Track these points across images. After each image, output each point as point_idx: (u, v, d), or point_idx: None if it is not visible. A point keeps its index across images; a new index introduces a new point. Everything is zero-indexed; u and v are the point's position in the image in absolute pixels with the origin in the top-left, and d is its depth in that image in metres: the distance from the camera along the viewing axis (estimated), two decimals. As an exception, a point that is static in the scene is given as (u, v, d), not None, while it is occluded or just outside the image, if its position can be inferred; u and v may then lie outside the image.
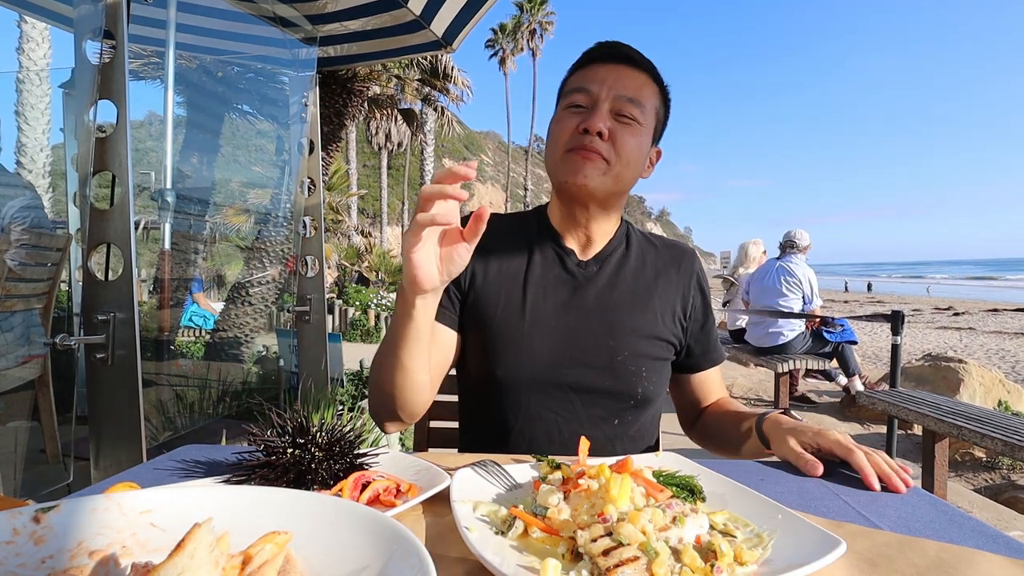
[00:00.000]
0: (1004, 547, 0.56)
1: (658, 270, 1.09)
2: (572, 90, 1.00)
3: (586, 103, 0.98)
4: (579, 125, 0.96)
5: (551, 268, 1.06)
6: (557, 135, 0.99)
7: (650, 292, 1.06)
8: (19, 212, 2.16)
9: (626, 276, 1.06)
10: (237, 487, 0.53)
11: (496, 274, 1.05)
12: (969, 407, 2.90)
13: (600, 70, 0.99)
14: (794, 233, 4.99)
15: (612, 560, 0.48)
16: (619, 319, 1.02)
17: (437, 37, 2.81)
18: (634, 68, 1.00)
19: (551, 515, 0.58)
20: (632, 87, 0.98)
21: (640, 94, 0.99)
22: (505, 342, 1.00)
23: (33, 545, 0.42)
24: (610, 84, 0.97)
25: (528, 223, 1.12)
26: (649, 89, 1.01)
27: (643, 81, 1.00)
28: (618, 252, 1.08)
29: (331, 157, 5.51)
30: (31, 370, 2.28)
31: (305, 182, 2.96)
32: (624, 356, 1.00)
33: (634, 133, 0.97)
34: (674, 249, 1.14)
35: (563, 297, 1.03)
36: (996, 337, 11.19)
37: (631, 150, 0.97)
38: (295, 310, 2.99)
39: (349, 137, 27.67)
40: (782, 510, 0.58)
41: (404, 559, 0.41)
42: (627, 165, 0.98)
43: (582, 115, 0.97)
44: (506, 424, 1.01)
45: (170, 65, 3.23)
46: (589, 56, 1.02)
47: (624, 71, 0.99)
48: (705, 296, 1.13)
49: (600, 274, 1.06)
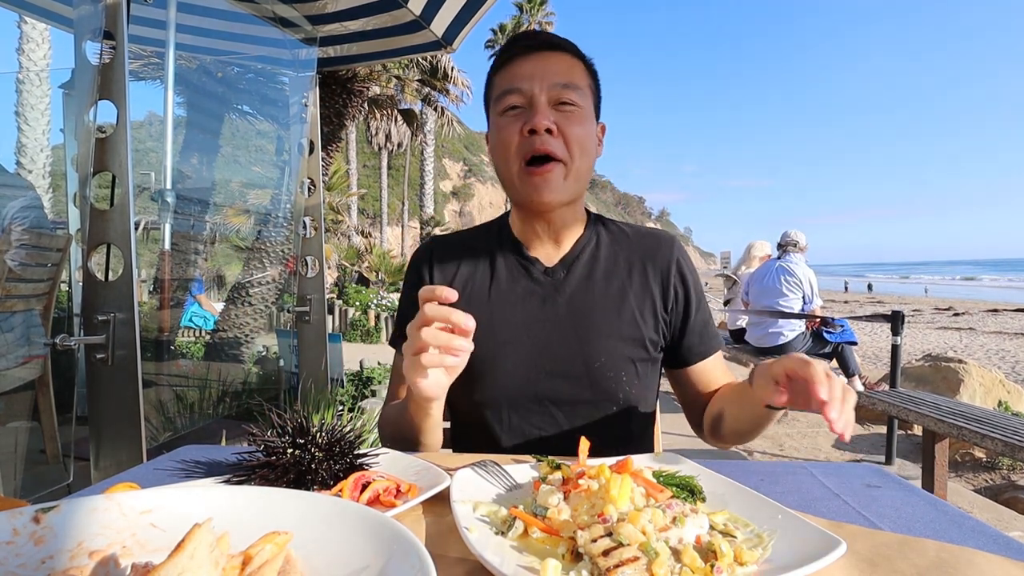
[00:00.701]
0: (1004, 547, 0.56)
1: (631, 264, 1.04)
2: (502, 93, 0.95)
3: (522, 103, 0.94)
4: (523, 128, 0.92)
5: (517, 281, 1.02)
6: (505, 145, 0.95)
7: (624, 290, 1.01)
8: (19, 212, 2.16)
9: (597, 277, 1.02)
10: (237, 487, 0.53)
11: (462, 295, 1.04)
12: (969, 407, 2.90)
13: (524, 64, 0.95)
14: (793, 233, 4.99)
15: (612, 560, 0.48)
16: (592, 324, 0.98)
17: (437, 37, 2.81)
18: (557, 52, 0.97)
19: (551, 515, 0.58)
20: (562, 72, 0.94)
21: (572, 76, 0.95)
22: (478, 365, 0.94)
23: (33, 545, 0.42)
24: (540, 76, 0.93)
25: (490, 236, 1.09)
26: (578, 69, 0.98)
27: (570, 62, 0.97)
28: (587, 252, 1.04)
29: (331, 157, 5.52)
30: (31, 370, 2.28)
31: (305, 182, 2.96)
32: (601, 363, 0.97)
33: (579, 120, 0.94)
34: (649, 238, 1.08)
35: (532, 309, 1.00)
36: (996, 337, 11.19)
37: (582, 138, 0.94)
38: (295, 310, 2.99)
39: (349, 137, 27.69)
40: (782, 510, 0.58)
41: (404, 559, 0.41)
42: (583, 155, 0.95)
43: (522, 116, 0.93)
44: (494, 445, 0.99)
45: (170, 65, 3.23)
46: (509, 53, 0.97)
47: (549, 58, 0.95)
48: (688, 284, 1.04)
49: (569, 279, 1.01)
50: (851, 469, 0.79)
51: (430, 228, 26.65)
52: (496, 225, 1.11)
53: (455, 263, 1.05)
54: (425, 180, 29.61)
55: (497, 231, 1.09)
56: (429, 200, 29.95)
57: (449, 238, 1.12)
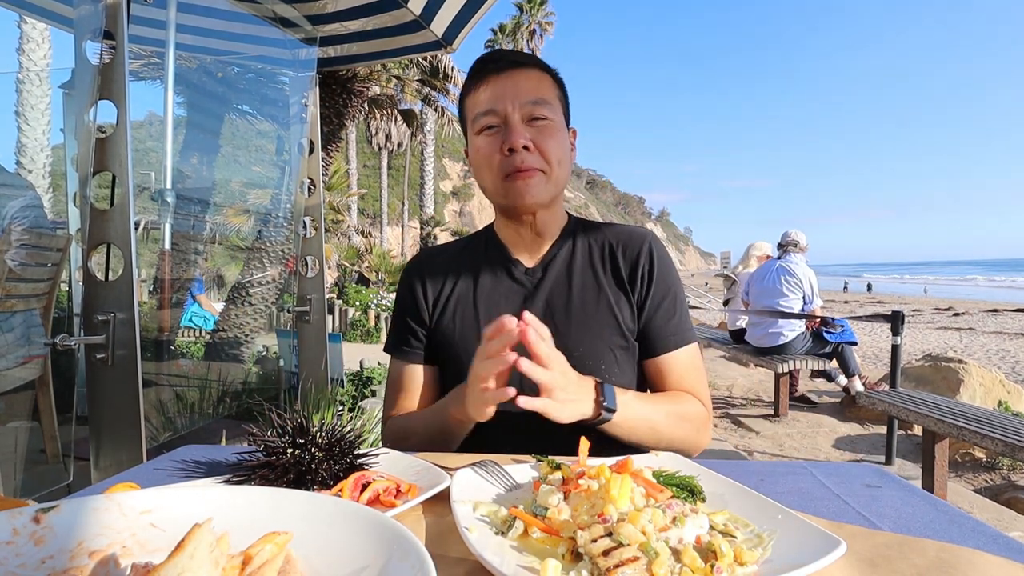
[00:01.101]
0: (1004, 547, 0.56)
1: (605, 258, 1.08)
2: (478, 115, 1.01)
3: (497, 122, 1.00)
4: (502, 146, 0.98)
5: (500, 282, 1.08)
6: (486, 163, 1.01)
7: (599, 282, 1.06)
8: (19, 212, 2.16)
9: (575, 271, 1.07)
10: (237, 487, 0.53)
11: (450, 301, 1.09)
12: (969, 407, 2.90)
13: (495, 85, 1.00)
14: (793, 233, 4.99)
15: (612, 560, 0.48)
16: (570, 315, 1.03)
17: (437, 37, 2.81)
18: (524, 68, 1.02)
19: (551, 515, 0.58)
20: (531, 89, 1.00)
21: (541, 92, 1.01)
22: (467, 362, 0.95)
23: (33, 545, 0.42)
24: (511, 95, 0.99)
25: (477, 244, 1.15)
26: (545, 82, 1.03)
27: (537, 77, 1.02)
28: (564, 250, 1.09)
29: (331, 157, 5.52)
30: (31, 370, 2.28)
31: (305, 182, 2.96)
32: (580, 352, 0.99)
33: (552, 133, 1.00)
34: (623, 234, 1.12)
35: (514, 308, 1.04)
36: (996, 337, 11.20)
37: (557, 149, 1.01)
38: (295, 310, 2.99)
39: (349, 137, 27.68)
40: (782, 510, 0.58)
41: (404, 559, 0.41)
42: (560, 165, 1.02)
43: (498, 135, 0.99)
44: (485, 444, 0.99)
45: (170, 65, 3.23)
46: (477, 76, 1.03)
47: (517, 75, 1.01)
48: (657, 274, 1.06)
49: (547, 276, 1.07)
50: (851, 469, 0.79)
51: (430, 228, 26.65)
52: (484, 235, 1.17)
53: (443, 273, 1.12)
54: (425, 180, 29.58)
55: (484, 239, 1.15)
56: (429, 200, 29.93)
57: (438, 249, 1.21)
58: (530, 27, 34.67)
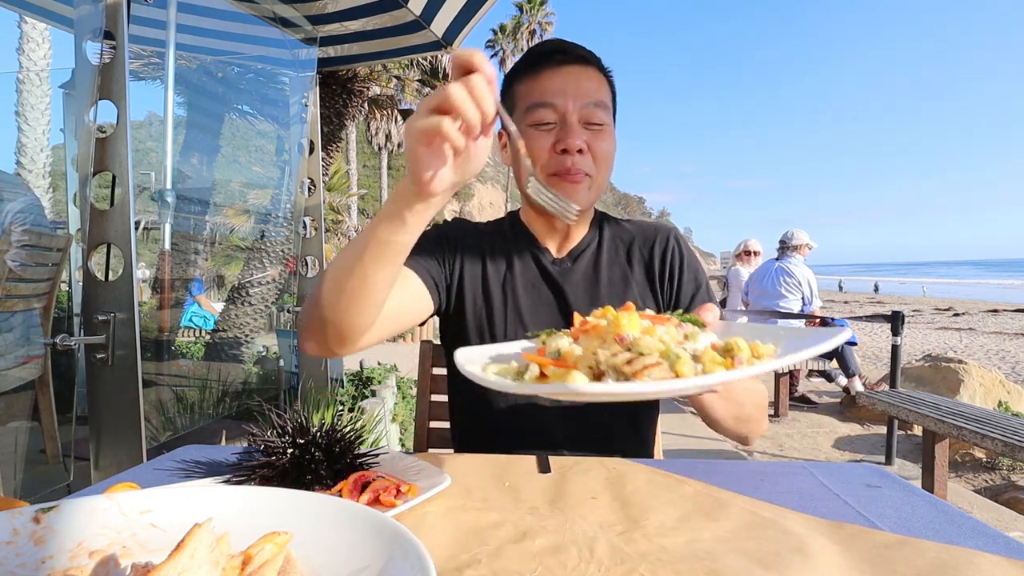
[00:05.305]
0: (1004, 547, 0.56)
1: (631, 253, 1.09)
2: (534, 105, 0.96)
3: (554, 119, 0.96)
4: (555, 145, 0.95)
5: (529, 268, 1.07)
6: (533, 158, 0.96)
7: (626, 276, 1.07)
8: (19, 212, 2.16)
9: (602, 265, 1.07)
10: (237, 487, 0.53)
11: (478, 278, 1.06)
12: (969, 408, 2.90)
13: (556, 78, 0.96)
14: (793, 233, 4.99)
15: (637, 365, 0.50)
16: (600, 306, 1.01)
17: (437, 37, 2.81)
18: (587, 67, 0.99)
19: (565, 355, 0.57)
20: (592, 90, 0.97)
21: (600, 94, 0.98)
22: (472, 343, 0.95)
23: (33, 545, 0.42)
24: (572, 93, 0.95)
25: (503, 229, 1.12)
26: (604, 85, 1.01)
27: (598, 79, 1.00)
28: (592, 244, 1.09)
29: (331, 157, 5.52)
30: (31, 370, 2.28)
31: (305, 182, 2.96)
32: None
33: (606, 137, 0.98)
34: (649, 229, 1.12)
35: (542, 295, 1.05)
36: (996, 338, 11.19)
37: (608, 154, 0.99)
38: (295, 310, 2.99)
39: (349, 137, 27.64)
40: (784, 329, 0.61)
41: (404, 559, 0.41)
42: (606, 169, 1.00)
43: (552, 132, 0.96)
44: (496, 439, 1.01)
45: (170, 65, 3.23)
46: (538, 63, 0.98)
47: (580, 73, 0.97)
48: (686, 268, 1.07)
49: (576, 267, 1.06)
50: (851, 469, 0.79)
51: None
52: (508, 220, 1.15)
53: (477, 247, 1.08)
54: (425, 180, 29.55)
55: (510, 225, 1.13)
56: (429, 200, 29.88)
57: (470, 226, 1.14)
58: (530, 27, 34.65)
